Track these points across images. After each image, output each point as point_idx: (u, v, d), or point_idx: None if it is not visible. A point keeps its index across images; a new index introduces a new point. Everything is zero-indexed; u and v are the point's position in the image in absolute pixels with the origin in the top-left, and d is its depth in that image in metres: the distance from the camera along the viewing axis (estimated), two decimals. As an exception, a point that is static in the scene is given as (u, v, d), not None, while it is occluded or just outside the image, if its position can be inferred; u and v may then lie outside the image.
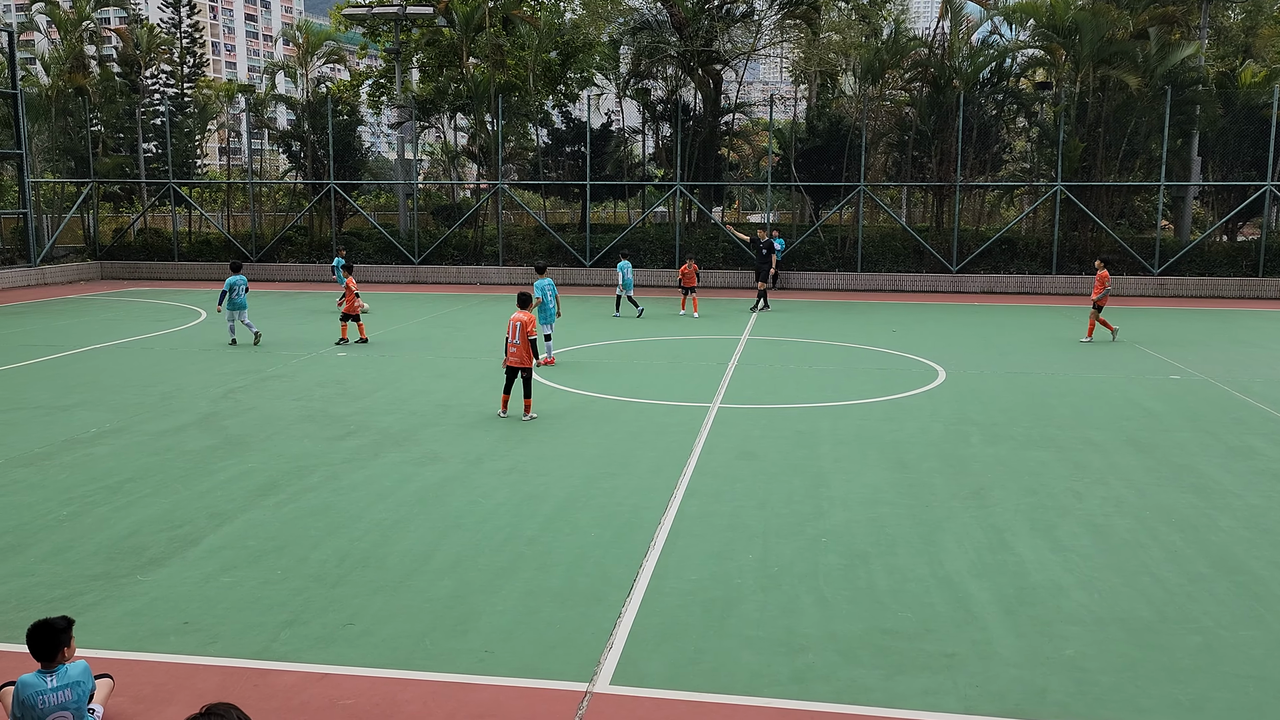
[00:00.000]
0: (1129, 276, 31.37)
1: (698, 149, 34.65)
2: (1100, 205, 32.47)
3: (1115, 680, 6.30)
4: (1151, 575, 7.99)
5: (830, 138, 34.04)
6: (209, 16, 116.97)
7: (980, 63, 33.71)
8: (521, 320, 13.04)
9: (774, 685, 6.21)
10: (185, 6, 45.19)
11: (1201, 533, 8.98)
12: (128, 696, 5.97)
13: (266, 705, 5.98)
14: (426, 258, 35.08)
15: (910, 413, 13.87)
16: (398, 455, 11.49)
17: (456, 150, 38.20)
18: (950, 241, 32.81)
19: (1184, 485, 10.46)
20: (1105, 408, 14.26)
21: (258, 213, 38.24)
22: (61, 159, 37.40)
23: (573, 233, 36.30)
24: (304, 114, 37.06)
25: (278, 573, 7.94)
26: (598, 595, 7.53)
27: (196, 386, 15.42)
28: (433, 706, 5.97)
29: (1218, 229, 33.38)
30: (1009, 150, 36.66)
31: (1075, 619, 7.16)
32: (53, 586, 7.66)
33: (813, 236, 33.91)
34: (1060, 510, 9.60)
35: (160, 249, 36.62)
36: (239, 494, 9.99)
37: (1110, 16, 30.62)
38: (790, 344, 20.26)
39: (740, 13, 34.72)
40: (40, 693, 5.18)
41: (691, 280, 24.89)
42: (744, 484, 10.39)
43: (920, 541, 8.69)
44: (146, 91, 41.39)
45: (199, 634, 6.87)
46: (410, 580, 7.80)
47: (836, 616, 7.18)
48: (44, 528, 8.97)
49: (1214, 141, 32.50)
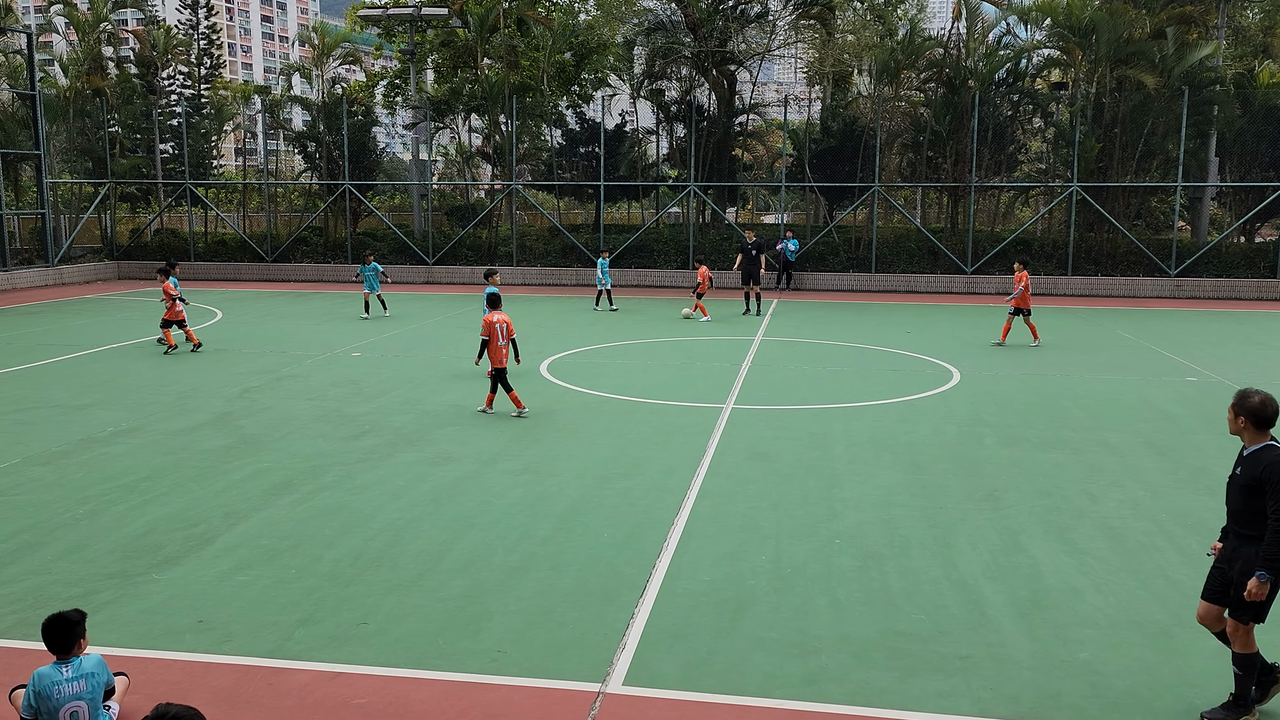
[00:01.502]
0: (1145, 278, 31.21)
1: (712, 150, 34.63)
2: (1116, 206, 32.29)
3: (1130, 684, 6.26)
4: (1167, 579, 7.94)
5: (844, 138, 33.96)
6: (225, 18, 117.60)
7: (996, 63, 33.58)
8: (509, 320, 13.52)
9: (786, 687, 6.20)
10: (203, 8, 45.47)
11: (1218, 536, 8.90)
12: (142, 694, 6.00)
13: (280, 704, 6.00)
14: (441, 258, 35.17)
15: (924, 414, 13.82)
16: (411, 455, 11.52)
17: (471, 151, 38.30)
18: (965, 242, 32.68)
19: (1200, 488, 10.38)
20: (1121, 410, 14.18)
21: (273, 213, 38.41)
22: (79, 160, 37.67)
23: (586, 233, 36.32)
24: (319, 115, 37.22)
25: (292, 572, 7.97)
26: (610, 596, 7.53)
27: (212, 386, 15.51)
28: (445, 706, 5.98)
29: (1235, 230, 33.14)
30: (1024, 151, 36.51)
31: (1090, 622, 7.13)
32: (69, 584, 7.72)
33: (827, 237, 33.84)
34: (1075, 513, 9.54)
35: (176, 249, 36.81)
36: (254, 493, 10.04)
37: (1127, 16, 30.46)
38: (804, 345, 20.22)
39: (755, 13, 34.69)
40: (56, 683, 5.27)
41: (704, 286, 24.76)
42: (757, 485, 10.37)
43: (934, 543, 8.66)
44: (163, 93, 41.68)
45: (213, 632, 6.91)
46: (423, 580, 7.83)
47: (849, 618, 7.16)
48: (60, 526, 9.04)
49: (1231, 142, 32.29)
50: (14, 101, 35.73)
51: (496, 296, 14.18)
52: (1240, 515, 5.85)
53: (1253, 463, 5.76)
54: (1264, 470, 5.66)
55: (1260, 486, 5.67)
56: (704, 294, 24.79)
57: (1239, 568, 5.79)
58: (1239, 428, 5.88)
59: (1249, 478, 5.74)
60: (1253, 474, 5.72)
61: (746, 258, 25.84)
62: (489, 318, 13.46)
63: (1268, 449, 5.75)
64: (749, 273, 25.69)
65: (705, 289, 24.81)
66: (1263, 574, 5.60)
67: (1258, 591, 5.62)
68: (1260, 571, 5.60)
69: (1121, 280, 31.34)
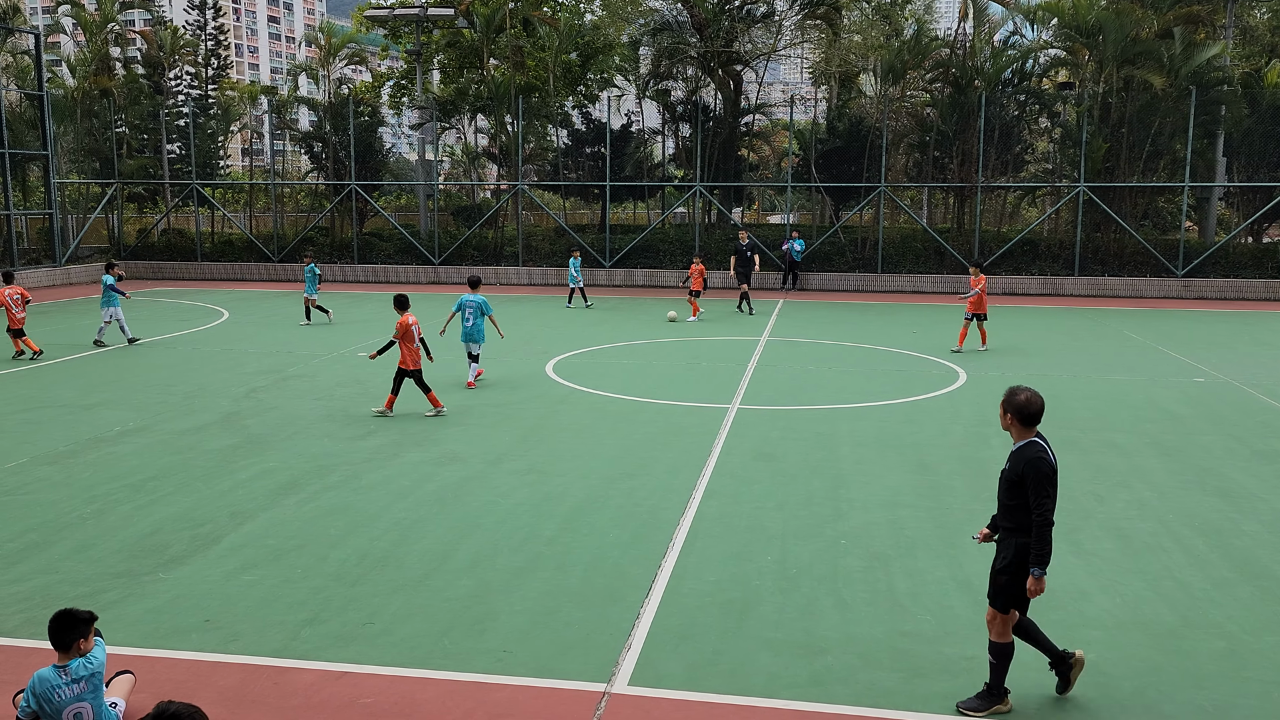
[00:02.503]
0: (1152, 278, 31.13)
1: (717, 150, 34.61)
2: (1123, 206, 32.21)
3: (1137, 685, 6.25)
4: (1174, 579, 7.91)
5: (851, 138, 33.93)
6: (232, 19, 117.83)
7: (1002, 63, 33.51)
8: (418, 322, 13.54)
9: (792, 687, 6.19)
10: (210, 9, 45.55)
11: (1226, 537, 8.89)
12: (149, 693, 6.01)
13: (286, 703, 6.01)
14: (447, 258, 35.20)
15: (930, 414, 13.80)
16: (417, 455, 11.53)
17: (477, 151, 38.33)
18: (971, 243, 32.63)
19: (1208, 489, 10.36)
20: (1128, 410, 14.14)
21: (280, 213, 38.48)
22: (87, 160, 37.78)
23: (592, 233, 36.33)
24: (326, 115, 37.28)
25: (298, 571, 7.98)
26: (616, 596, 7.53)
27: (218, 386, 15.53)
28: (451, 706, 5.98)
29: (1243, 230, 33.05)
30: (1031, 151, 36.43)
31: (1097, 623, 7.11)
32: (76, 584, 7.74)
33: (833, 237, 33.81)
34: (1082, 514, 9.52)
35: (183, 249, 36.92)
36: (260, 493, 10.05)
37: (1134, 16, 30.36)
38: (810, 345, 20.20)
39: (761, 13, 34.66)
40: (56, 687, 5.27)
41: (699, 283, 24.71)
42: (763, 485, 10.36)
43: (940, 544, 8.65)
44: (170, 93, 41.76)
45: (220, 631, 6.92)
46: (429, 580, 7.83)
47: (855, 619, 7.15)
48: (68, 525, 9.06)
49: (1239, 142, 32.19)
50: (22, 102, 35.84)
51: (404, 298, 13.81)
52: (1004, 509, 5.96)
53: (1017, 458, 5.86)
54: (1025, 466, 5.78)
55: (1022, 482, 5.78)
56: (699, 292, 24.68)
57: (998, 560, 5.94)
58: (1007, 424, 5.97)
59: (1013, 473, 5.86)
60: (1016, 469, 5.84)
61: (740, 258, 26.13)
62: (404, 319, 13.35)
63: (1030, 445, 5.86)
64: (742, 273, 26.01)
65: (700, 285, 24.73)
66: (1036, 570, 5.73)
67: (1036, 588, 5.74)
68: (1034, 569, 5.72)
69: (1128, 280, 31.27)
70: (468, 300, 15.44)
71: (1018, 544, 5.82)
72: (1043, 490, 5.70)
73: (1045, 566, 5.72)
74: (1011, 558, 5.83)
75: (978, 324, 19.37)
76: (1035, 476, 5.71)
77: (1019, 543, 5.82)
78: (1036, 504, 5.70)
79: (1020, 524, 5.81)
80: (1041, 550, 5.70)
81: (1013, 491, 5.85)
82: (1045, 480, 5.71)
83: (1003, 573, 5.88)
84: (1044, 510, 5.69)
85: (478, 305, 15.38)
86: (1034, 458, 5.76)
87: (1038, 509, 5.70)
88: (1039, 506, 5.70)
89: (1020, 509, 5.81)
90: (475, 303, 15.39)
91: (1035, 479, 5.71)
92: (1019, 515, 5.82)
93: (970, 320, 19.35)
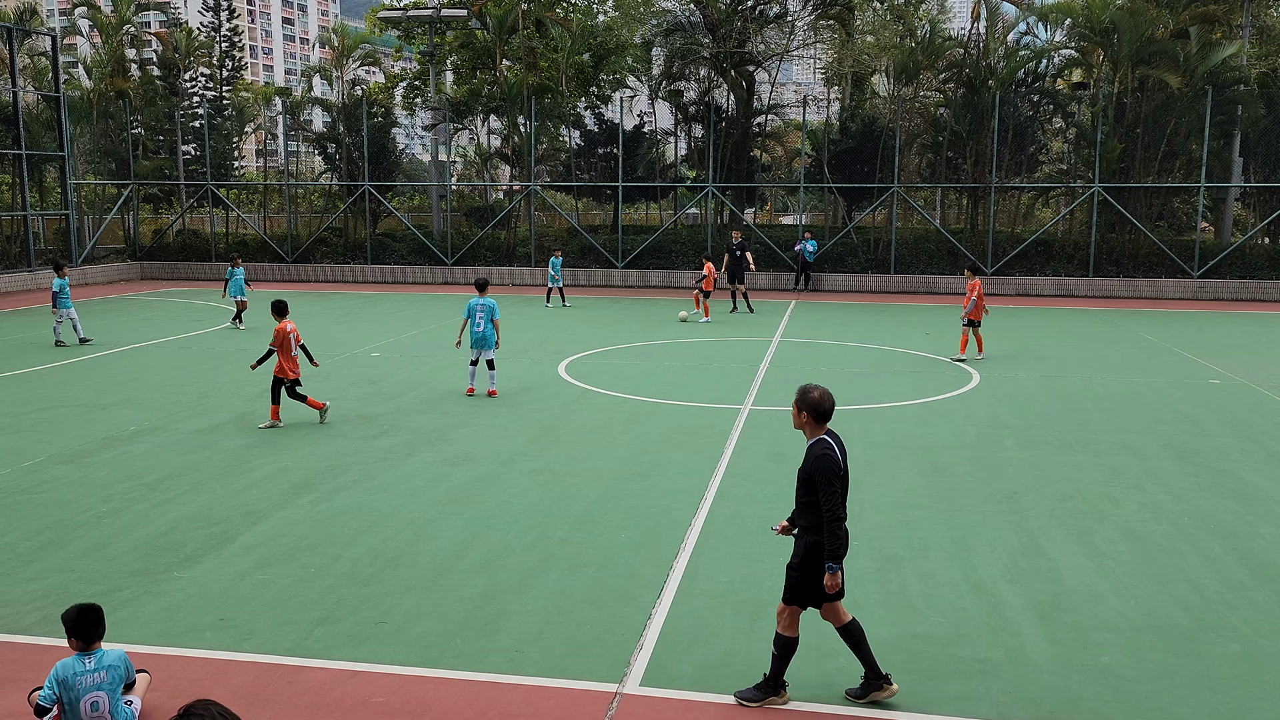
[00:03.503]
0: (1168, 279, 30.96)
1: (730, 150, 34.59)
2: (1139, 207, 32.04)
3: (1151, 688, 6.22)
4: (1189, 582, 7.87)
5: (863, 139, 33.85)
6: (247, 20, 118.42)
7: (1016, 63, 33.38)
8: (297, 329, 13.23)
9: (803, 689, 6.18)
10: (225, 11, 45.78)
11: (1241, 540, 8.84)
12: (164, 691, 6.05)
13: (299, 702, 6.04)
14: (460, 259, 35.27)
15: (943, 416, 13.76)
16: (430, 455, 11.56)
17: (489, 152, 38.39)
18: (985, 243, 32.51)
19: (1224, 491, 10.29)
20: (1143, 412, 14.07)
21: (294, 214, 38.64)
22: (103, 161, 38.01)
23: (605, 234, 36.35)
24: (339, 116, 37.42)
25: (311, 570, 8.02)
26: (628, 596, 7.54)
27: (233, 385, 15.61)
28: (463, 705, 6.00)
29: (1259, 231, 32.82)
30: (1045, 151, 36.28)
31: (1111, 626, 7.07)
32: (92, 582, 7.79)
33: (845, 238, 33.75)
34: (1096, 516, 9.48)
35: (198, 249, 37.11)
36: (274, 492, 10.10)
37: (1149, 16, 30.22)
38: (822, 346, 20.16)
39: (774, 14, 34.62)
40: (78, 674, 5.41)
41: (710, 283, 24.67)
42: (775, 486, 10.34)
43: (953, 546, 8.62)
44: (186, 94, 41.97)
45: (234, 630, 6.96)
46: (442, 579, 7.85)
47: (868, 621, 7.11)
48: (84, 524, 9.12)
49: (1256, 142, 31.97)
50: (39, 103, 36.07)
51: (283, 303, 13.39)
52: (799, 506, 6.00)
53: (808, 456, 5.90)
54: (813, 464, 5.83)
55: (812, 479, 5.83)
56: (710, 292, 24.63)
57: (792, 556, 5.98)
58: (801, 422, 6.00)
59: (804, 470, 5.91)
60: (806, 466, 5.89)
61: (731, 258, 26.35)
62: (281, 326, 12.99)
63: (819, 442, 5.90)
64: (733, 273, 26.18)
65: (711, 286, 24.69)
66: (831, 565, 5.77)
67: (830, 583, 5.79)
68: (828, 564, 5.77)
69: (1144, 281, 31.10)
70: (476, 304, 14.91)
71: (808, 542, 5.88)
72: (830, 486, 5.75)
73: (839, 561, 5.78)
74: (803, 554, 5.89)
75: (973, 331, 18.53)
76: (822, 473, 5.77)
77: (809, 541, 5.88)
78: (825, 500, 5.76)
79: (812, 522, 5.88)
80: (834, 546, 5.76)
81: (804, 489, 5.92)
82: (832, 476, 5.76)
83: (794, 569, 5.94)
84: (832, 506, 5.75)
85: (488, 309, 14.89)
86: (820, 454, 5.82)
87: (826, 505, 5.76)
88: (827, 502, 5.75)
89: (812, 506, 5.86)
90: (485, 306, 14.90)
91: (822, 475, 5.77)
92: (810, 513, 5.88)
93: (968, 328, 18.50)
